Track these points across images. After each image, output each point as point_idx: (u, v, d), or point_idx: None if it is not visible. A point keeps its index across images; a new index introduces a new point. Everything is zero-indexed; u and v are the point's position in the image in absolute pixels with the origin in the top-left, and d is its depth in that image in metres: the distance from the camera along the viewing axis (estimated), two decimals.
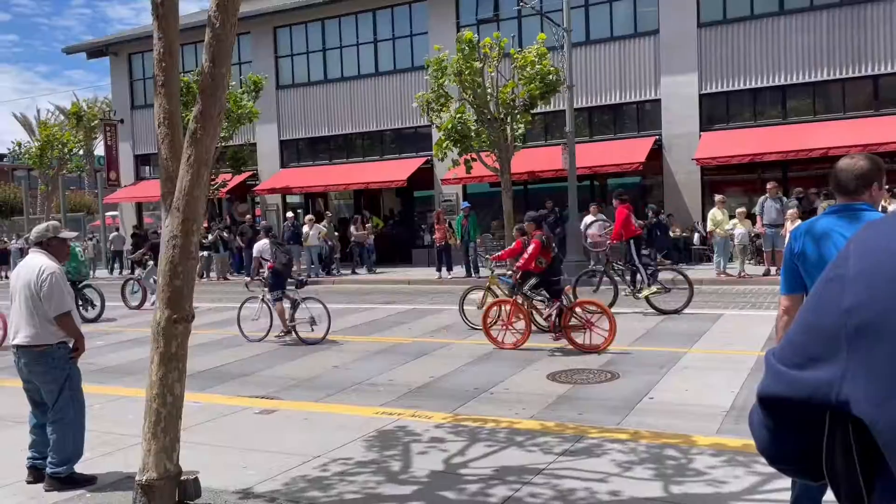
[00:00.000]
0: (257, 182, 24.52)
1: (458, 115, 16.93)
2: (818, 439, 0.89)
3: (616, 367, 7.50)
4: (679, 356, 7.88)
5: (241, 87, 21.10)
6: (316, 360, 8.71)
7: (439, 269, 18.51)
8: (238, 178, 23.51)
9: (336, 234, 20.65)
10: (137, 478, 3.90)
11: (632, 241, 11.10)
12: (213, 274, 20.84)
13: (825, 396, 0.83)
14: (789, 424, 0.92)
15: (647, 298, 10.90)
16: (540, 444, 5.01)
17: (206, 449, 5.19)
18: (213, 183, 21.00)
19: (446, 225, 18.20)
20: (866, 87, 17.88)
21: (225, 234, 21.07)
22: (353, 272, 19.86)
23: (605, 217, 16.86)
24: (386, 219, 24.59)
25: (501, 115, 16.83)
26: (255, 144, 24.60)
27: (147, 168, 27.75)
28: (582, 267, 16.12)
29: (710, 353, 8.01)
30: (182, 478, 4.01)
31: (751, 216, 15.25)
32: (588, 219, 16.58)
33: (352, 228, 20.38)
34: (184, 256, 3.86)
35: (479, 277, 17.28)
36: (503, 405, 6.36)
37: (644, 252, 11.61)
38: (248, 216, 23.00)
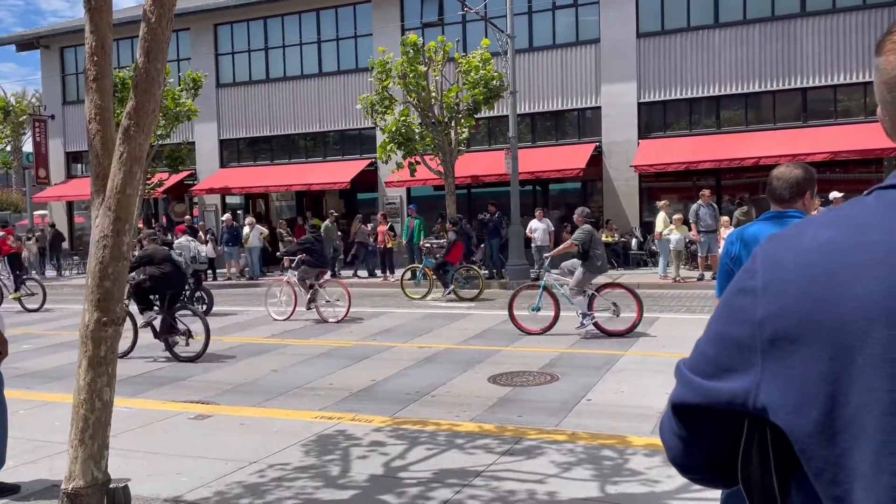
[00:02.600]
0: (195, 182, 23.96)
1: (403, 118, 16.92)
2: (730, 447, 0.91)
3: (555, 370, 7.60)
4: (616, 359, 8.04)
5: (180, 85, 20.60)
6: (254, 364, 8.56)
7: (383, 272, 18.46)
8: (175, 178, 22.93)
9: (340, 233, 19.74)
10: (63, 486, 3.75)
11: (6, 259, 15.48)
12: None
13: (742, 405, 0.84)
14: (702, 433, 0.93)
15: (18, 300, 14.72)
16: (480, 446, 5.03)
17: (138, 456, 5.03)
18: (148, 182, 20.42)
19: (387, 227, 18.13)
20: (795, 99, 18.62)
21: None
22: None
23: (549, 222, 17.14)
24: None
25: (446, 119, 16.89)
26: (193, 143, 24.04)
27: (79, 166, 26.81)
28: (524, 271, 16.36)
29: (646, 356, 8.20)
30: (111, 486, 3.87)
31: (686, 222, 15.71)
32: (534, 223, 16.81)
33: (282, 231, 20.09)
34: (115, 257, 3.74)
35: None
36: (444, 408, 6.36)
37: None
38: (185, 216, 22.44)
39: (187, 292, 12.12)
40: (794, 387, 0.78)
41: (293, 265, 12.04)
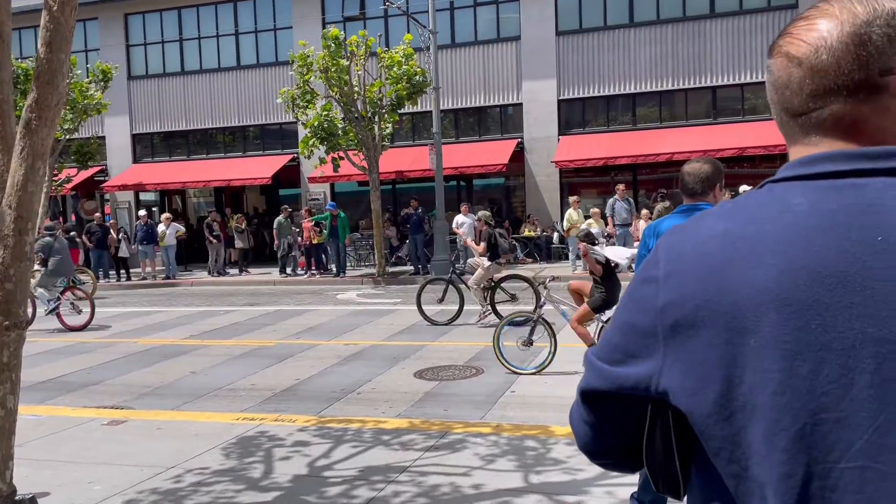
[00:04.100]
0: (106, 178, 22.98)
1: (325, 113, 16.68)
2: (636, 432, 0.94)
3: (480, 363, 7.68)
4: (538, 350, 8.17)
5: (89, 77, 19.68)
6: (171, 366, 8.29)
7: (308, 268, 18.20)
8: (85, 174, 21.90)
9: (296, 229, 18.64)
10: None
11: None
12: None
13: (646, 389, 0.87)
14: (610, 418, 0.96)
15: None
16: (405, 442, 5.03)
17: (47, 465, 4.80)
18: (55, 178, 19.45)
19: (312, 223, 17.87)
20: (706, 97, 19.39)
21: (72, 233, 19.59)
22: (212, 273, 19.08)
23: (474, 216, 17.25)
24: (249, 218, 23.78)
25: (369, 114, 16.76)
26: (103, 138, 23.02)
27: None
28: (448, 266, 16.42)
29: (568, 347, 8.37)
30: (17, 498, 3.68)
31: (604, 216, 16.12)
32: (459, 218, 16.90)
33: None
34: (16, 257, 3.54)
35: (345, 276, 17.17)
36: (370, 405, 6.33)
37: None
38: (96, 214, 21.49)
39: None
40: (693, 370, 0.82)
41: None
